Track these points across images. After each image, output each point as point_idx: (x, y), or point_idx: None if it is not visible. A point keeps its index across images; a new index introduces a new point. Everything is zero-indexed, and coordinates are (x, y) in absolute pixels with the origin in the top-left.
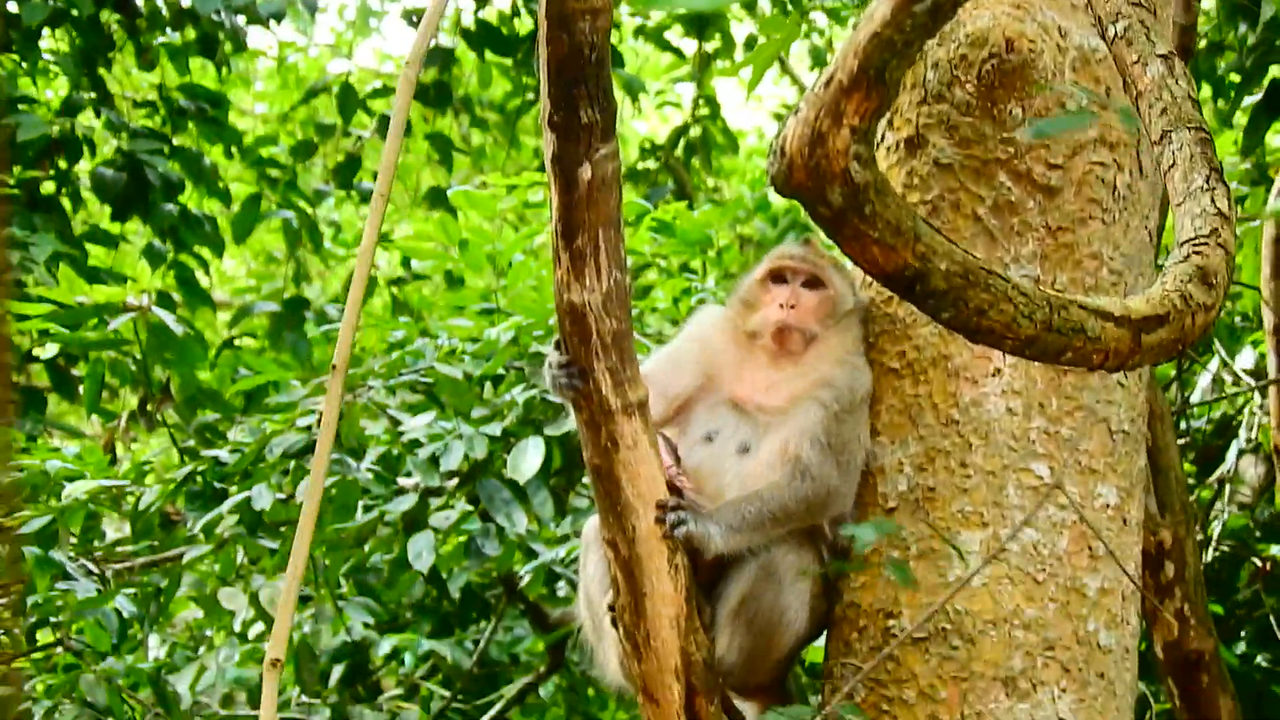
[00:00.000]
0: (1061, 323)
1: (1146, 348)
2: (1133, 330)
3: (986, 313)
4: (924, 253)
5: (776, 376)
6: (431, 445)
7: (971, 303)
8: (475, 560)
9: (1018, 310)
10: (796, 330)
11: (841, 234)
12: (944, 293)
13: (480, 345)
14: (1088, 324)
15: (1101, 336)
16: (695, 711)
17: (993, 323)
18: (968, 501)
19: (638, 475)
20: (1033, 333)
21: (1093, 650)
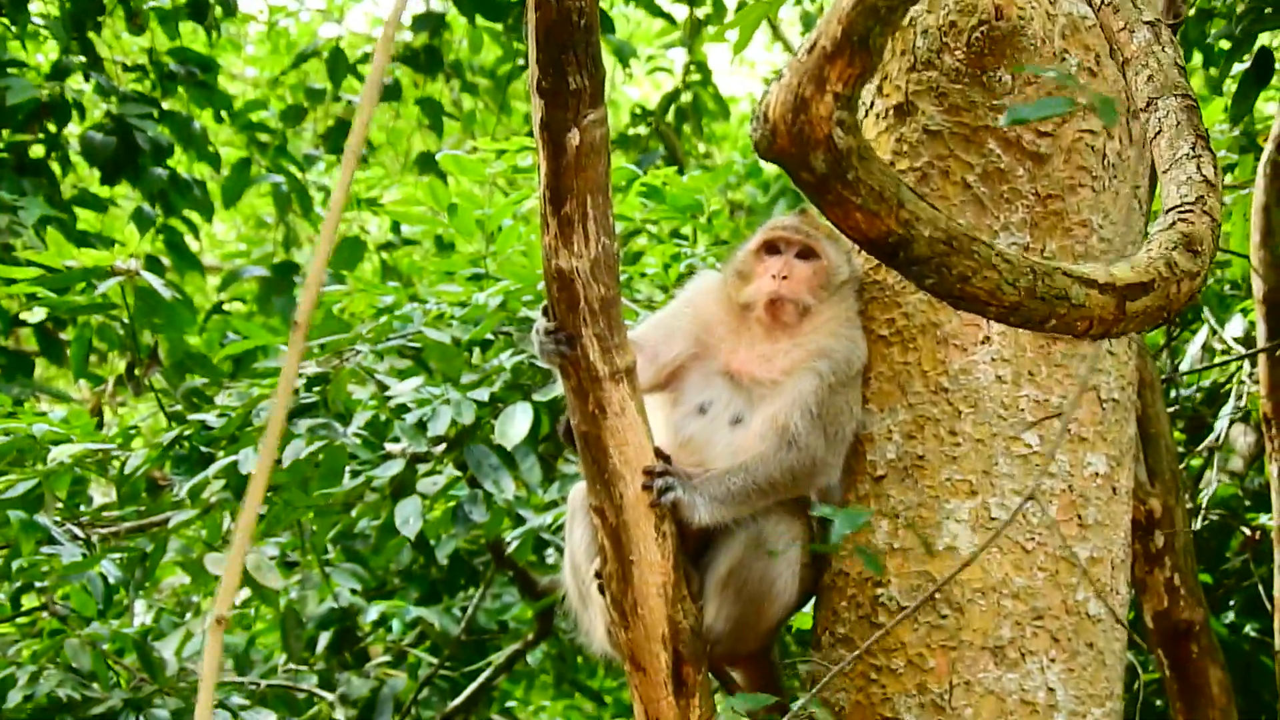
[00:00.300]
0: (1046, 290)
1: (1131, 315)
2: (1117, 297)
3: (970, 280)
4: (908, 219)
5: (772, 349)
6: (419, 410)
7: (955, 269)
8: (463, 526)
9: (1001, 277)
10: (789, 301)
11: (824, 200)
12: (928, 259)
13: (469, 310)
14: (1072, 291)
15: (1086, 304)
16: (682, 679)
17: (976, 290)
18: (957, 470)
19: (625, 442)
20: (1016, 300)
21: (1082, 620)
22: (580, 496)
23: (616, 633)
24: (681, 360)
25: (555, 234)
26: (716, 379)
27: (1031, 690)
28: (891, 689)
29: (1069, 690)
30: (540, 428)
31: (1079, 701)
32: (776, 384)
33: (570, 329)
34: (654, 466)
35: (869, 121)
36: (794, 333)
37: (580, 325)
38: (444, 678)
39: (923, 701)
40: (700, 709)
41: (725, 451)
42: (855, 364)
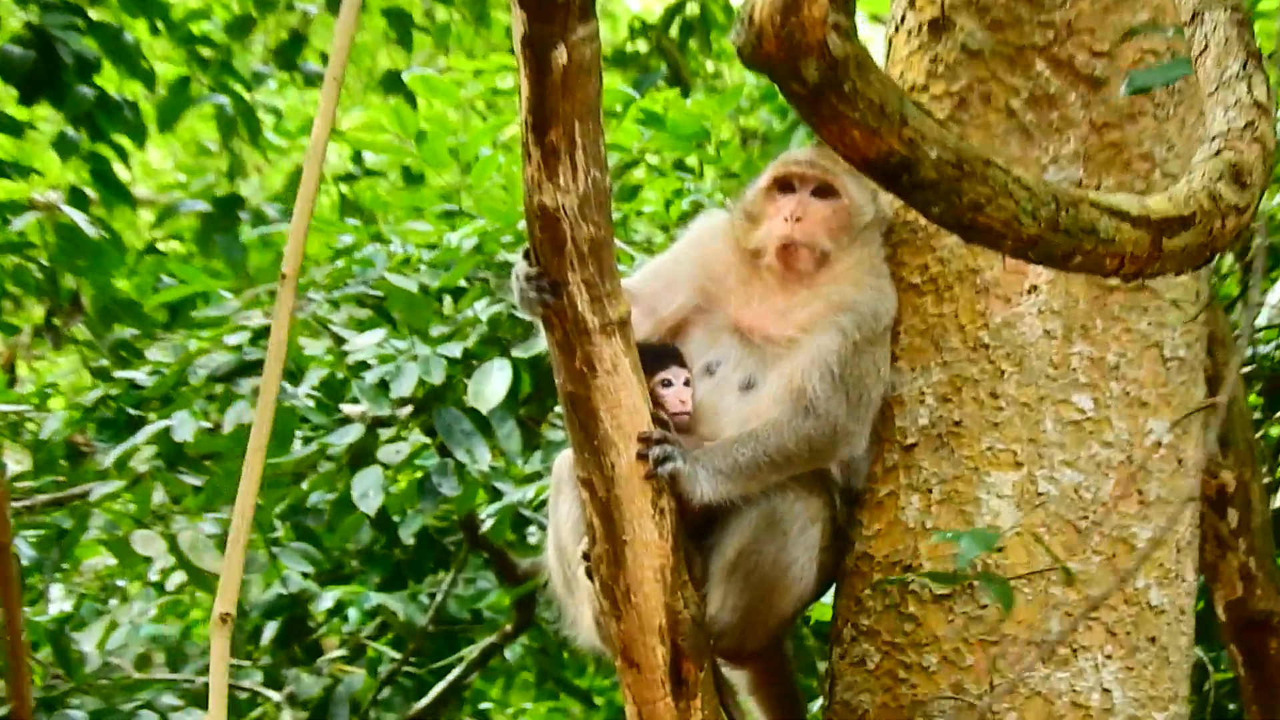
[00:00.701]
0: (1070, 221)
1: (1168, 253)
2: (1153, 232)
3: (983, 208)
4: (912, 138)
5: (788, 302)
6: (381, 368)
7: (966, 196)
8: (431, 501)
9: (1019, 206)
10: (804, 247)
11: (818, 114)
12: (934, 184)
13: (439, 253)
14: (1100, 224)
15: (1116, 238)
16: (682, 677)
17: (990, 220)
18: (998, 437)
19: (618, 404)
20: (1036, 232)
21: (1143, 610)
22: (566, 467)
23: (607, 623)
24: (684, 314)
25: (539, 165)
26: (724, 336)
27: (1084, 692)
28: (923, 690)
29: (1127, 692)
30: (520, 388)
31: (1139, 705)
32: (793, 342)
33: (555, 274)
34: (650, 433)
35: (899, 39)
36: (812, 283)
37: (567, 270)
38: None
39: (959, 704)
40: (702, 711)
41: (734, 419)
42: (883, 318)
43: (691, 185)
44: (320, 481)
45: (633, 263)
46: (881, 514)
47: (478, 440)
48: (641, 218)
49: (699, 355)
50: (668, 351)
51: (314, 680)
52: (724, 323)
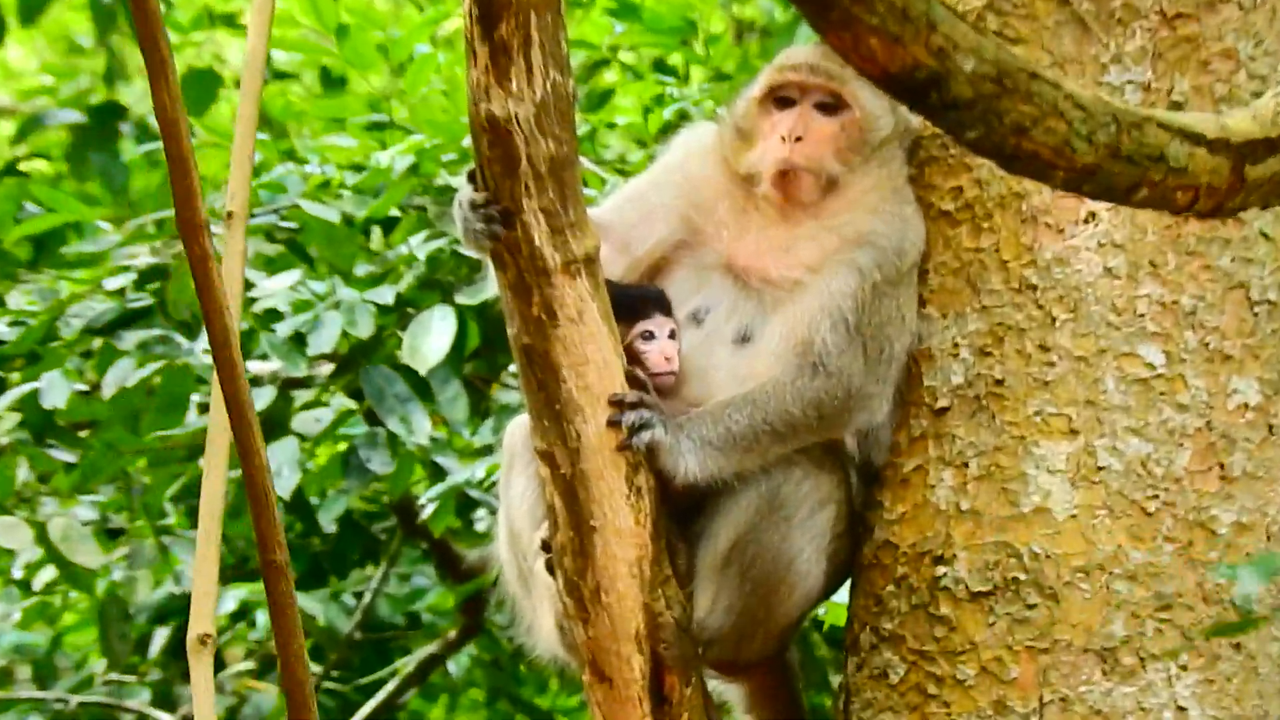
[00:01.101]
0: (1134, 147)
1: (1253, 183)
2: (1233, 158)
3: (1029, 131)
4: (942, 47)
5: (791, 235)
6: (296, 317)
7: (1008, 117)
8: (357, 480)
9: (1072, 129)
10: (806, 173)
11: (827, 20)
12: (970, 103)
13: (366, 175)
14: (1170, 149)
15: (1189, 167)
16: (663, 694)
17: (1038, 145)
18: (1049, 399)
19: (584, 360)
20: (1093, 160)
21: (1225, 611)
22: (521, 437)
23: (572, 628)
24: (665, 250)
25: (486, 67)
26: (715, 277)
27: (1154, 709)
28: (958, 708)
29: (1206, 709)
30: (466, 342)
31: None
32: (798, 285)
33: (507, 201)
34: (624, 395)
35: None
36: (820, 211)
37: (521, 196)
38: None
39: None
40: None
41: (727, 379)
42: (908, 253)
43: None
44: None
45: (603, 187)
46: (907, 494)
47: (414, 406)
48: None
49: (684, 301)
50: (649, 295)
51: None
52: (714, 261)
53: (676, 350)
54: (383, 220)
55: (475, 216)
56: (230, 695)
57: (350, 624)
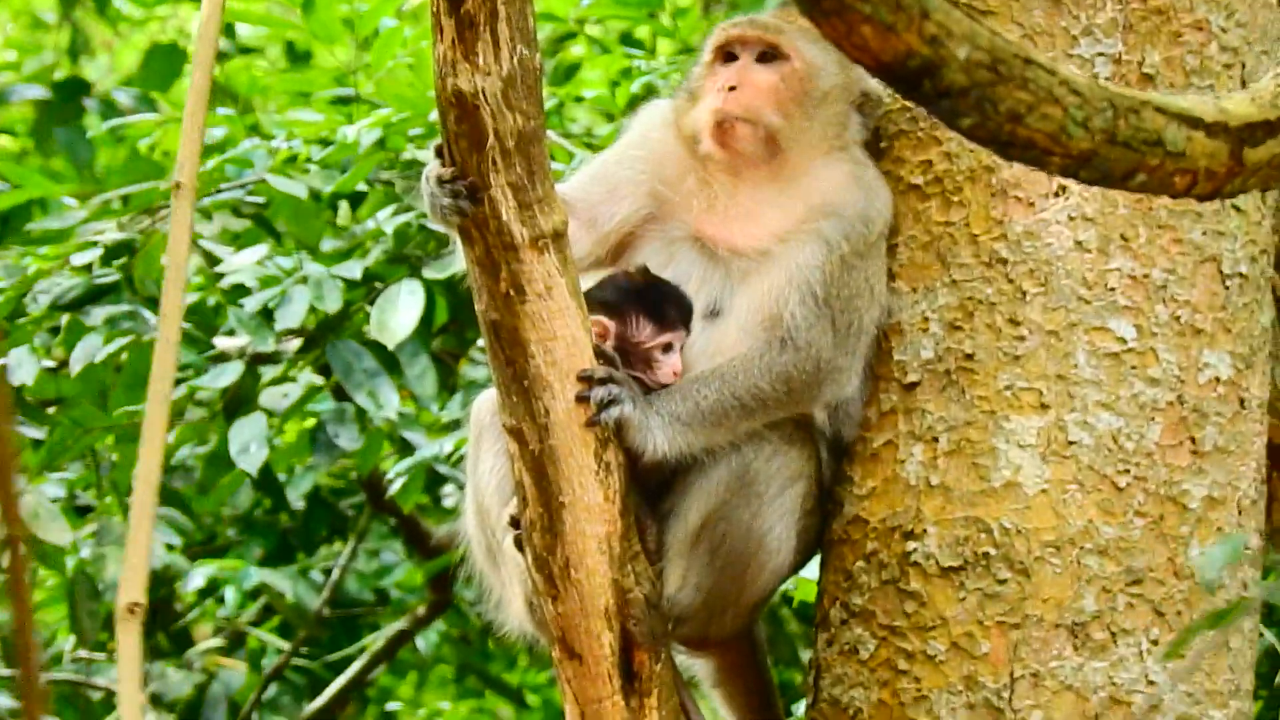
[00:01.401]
0: (1130, 132)
1: (1251, 167)
2: (1232, 142)
3: (1024, 118)
4: (935, 34)
5: (754, 201)
6: (263, 292)
7: (1003, 104)
8: (325, 456)
9: (1068, 114)
10: (741, 121)
11: (819, 8)
12: (964, 90)
13: (333, 150)
14: (1167, 133)
15: (1187, 151)
16: (633, 670)
17: (1033, 132)
18: (1020, 374)
19: (552, 335)
20: (1089, 146)
21: (1196, 585)
22: (489, 412)
23: (542, 605)
24: (631, 225)
25: (453, 41)
26: (683, 251)
27: (1125, 684)
28: (929, 683)
29: (1178, 684)
30: (434, 317)
31: (1192, 700)
32: (767, 255)
33: (474, 176)
34: (592, 370)
35: None
36: (778, 174)
37: (488, 171)
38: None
39: (972, 700)
40: (659, 711)
41: (699, 355)
42: (875, 221)
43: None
44: (189, 433)
45: (570, 161)
46: (877, 468)
47: (382, 381)
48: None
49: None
50: (684, 304)
51: (183, 677)
52: (682, 233)
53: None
54: (350, 195)
55: (442, 192)
56: (199, 672)
57: (319, 600)
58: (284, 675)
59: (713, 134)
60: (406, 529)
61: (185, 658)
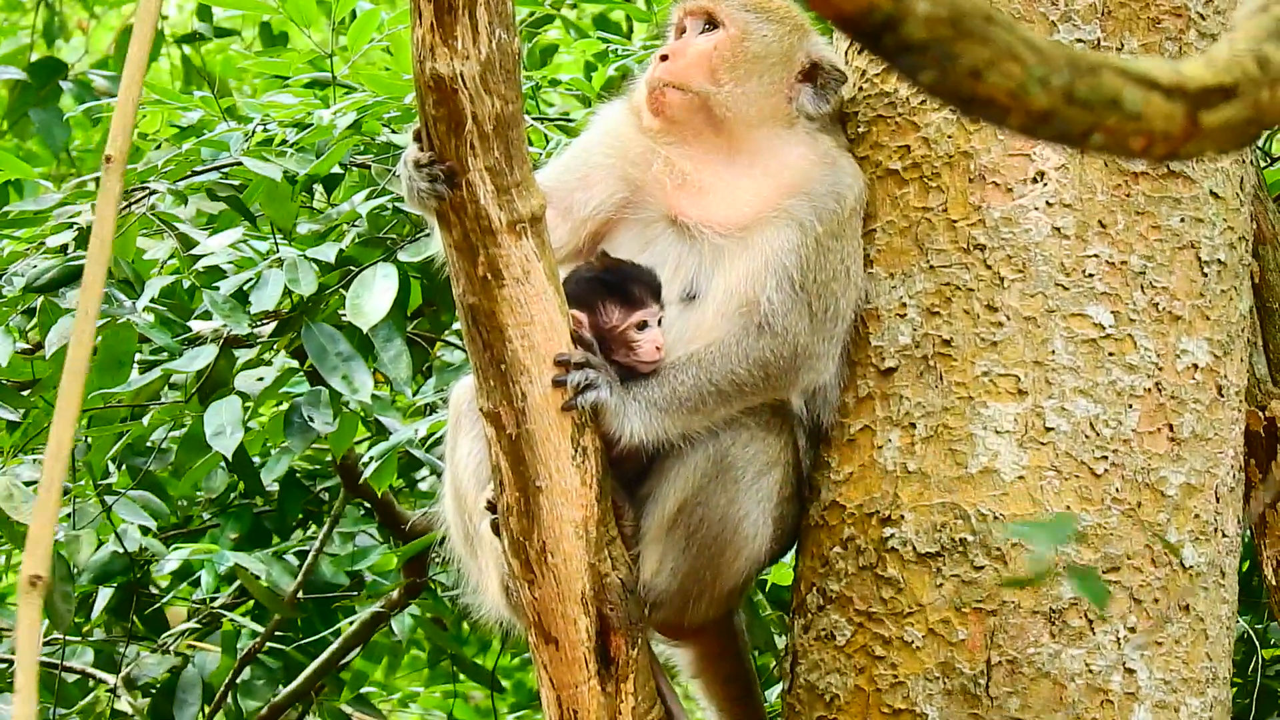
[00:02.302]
0: (1088, 91)
1: (1207, 130)
2: (1188, 105)
3: (983, 74)
4: None
5: (719, 179)
6: (238, 275)
7: (963, 60)
8: (300, 439)
9: (1027, 72)
10: (671, 89)
11: None
12: (924, 45)
13: (308, 133)
14: (1125, 94)
15: (1144, 112)
16: (610, 655)
17: (992, 89)
18: (997, 360)
19: (529, 320)
20: (1047, 105)
21: (1174, 572)
22: (467, 397)
23: (518, 589)
24: (607, 211)
25: (431, 24)
26: (659, 233)
27: (1102, 671)
28: (905, 669)
29: (1155, 672)
30: (409, 300)
31: (1169, 688)
32: (741, 235)
33: (452, 160)
34: (569, 355)
35: None
36: (734, 148)
37: (466, 155)
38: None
39: (948, 687)
40: (635, 696)
41: (677, 340)
42: (846, 197)
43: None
44: (164, 415)
45: (547, 145)
46: (854, 454)
47: (357, 364)
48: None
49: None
50: (645, 280)
51: (157, 660)
52: (656, 215)
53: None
54: (325, 178)
55: (420, 176)
56: (173, 655)
57: (293, 584)
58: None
59: (649, 103)
60: (381, 513)
61: (160, 640)
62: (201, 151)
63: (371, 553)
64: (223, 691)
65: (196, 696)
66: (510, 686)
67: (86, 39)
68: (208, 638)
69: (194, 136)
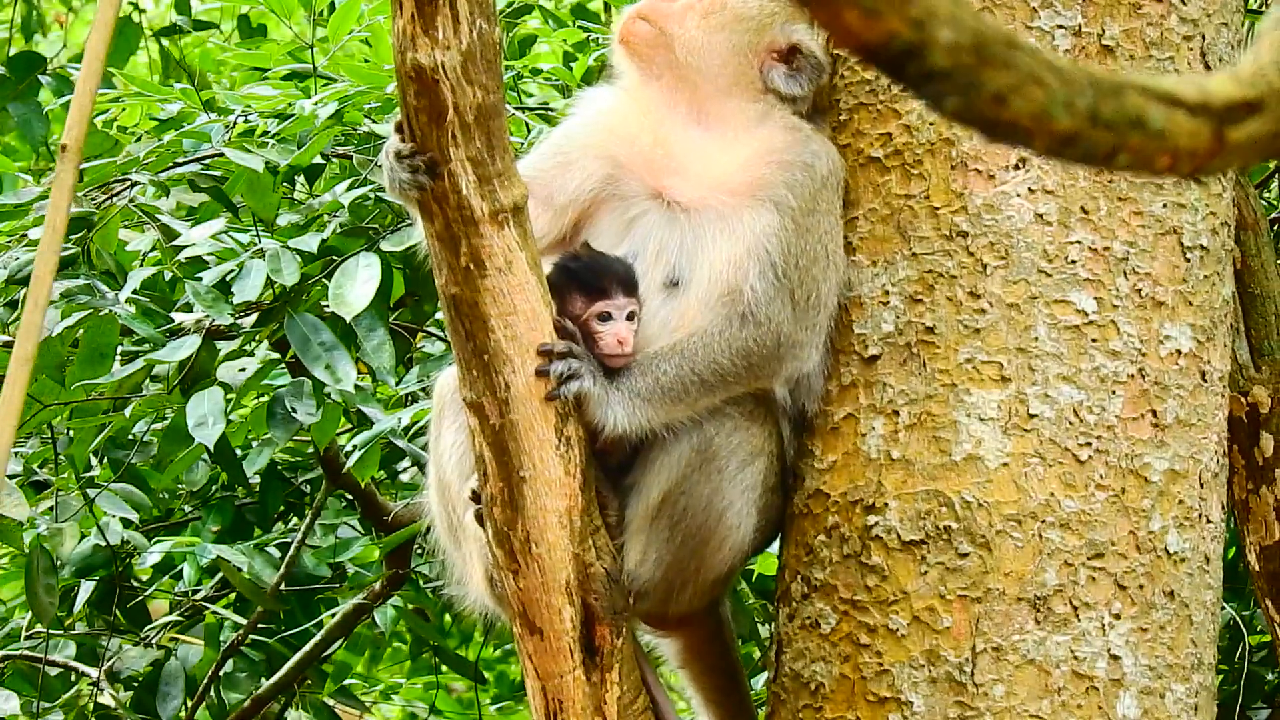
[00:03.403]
0: (1112, 113)
1: (1233, 145)
2: (1213, 122)
3: (1008, 100)
4: (919, 17)
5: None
6: (220, 266)
7: (987, 87)
8: (282, 430)
9: (1051, 96)
10: (639, 19)
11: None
12: (948, 73)
13: (289, 124)
14: (1149, 114)
15: (1168, 130)
16: (595, 645)
17: (1017, 114)
18: (981, 347)
19: (512, 310)
20: (1072, 127)
21: (1158, 558)
22: (450, 388)
23: (502, 579)
24: (589, 196)
25: (412, 14)
26: (640, 215)
27: (1087, 658)
28: (890, 657)
29: (1140, 658)
30: (391, 290)
31: (1154, 674)
32: (722, 210)
33: (434, 151)
34: (552, 345)
35: None
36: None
37: (448, 145)
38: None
39: (934, 675)
40: (620, 685)
41: (660, 328)
42: (817, 167)
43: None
44: (146, 407)
45: (527, 134)
46: (837, 442)
47: (339, 354)
48: (537, 78)
49: (610, 248)
50: (614, 271)
51: (140, 653)
52: (639, 193)
53: (633, 332)
54: (306, 169)
55: (401, 167)
56: (155, 648)
57: (275, 576)
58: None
59: (619, 32)
60: (363, 504)
61: (143, 633)
62: (183, 143)
63: (354, 544)
64: (205, 684)
65: (179, 689)
66: (493, 678)
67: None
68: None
69: (174, 129)
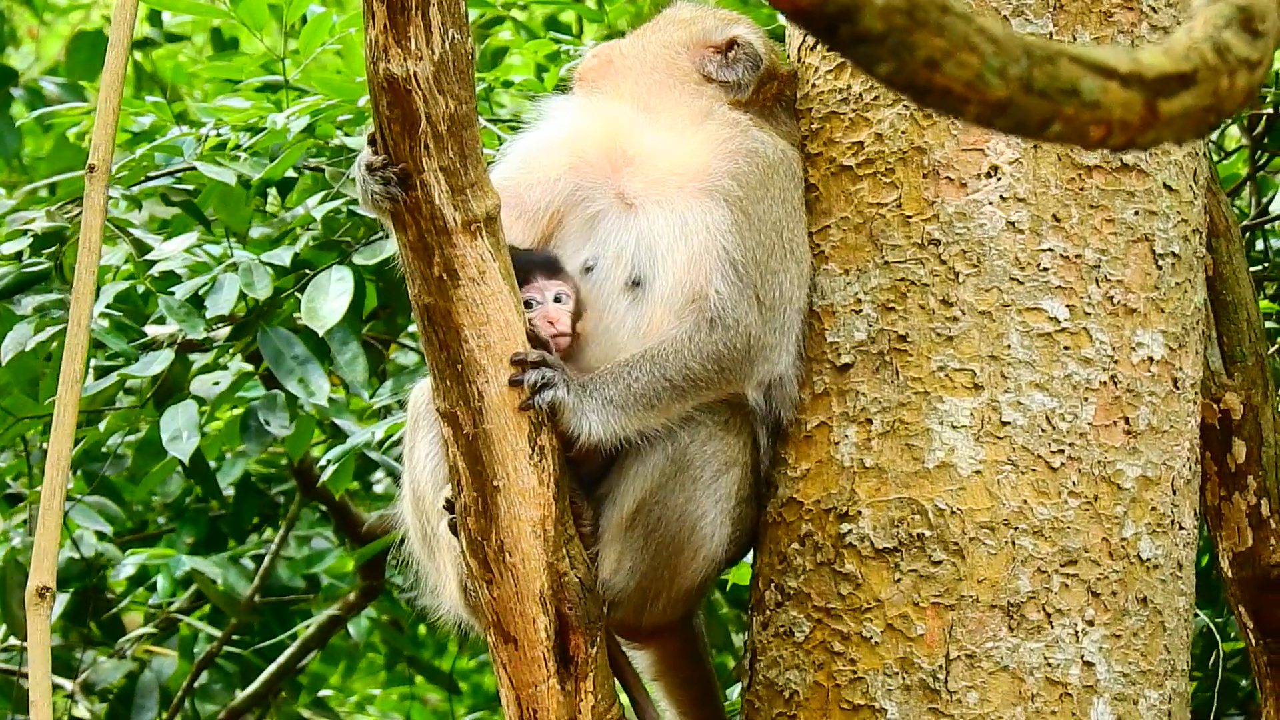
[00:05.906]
0: (1046, 81)
1: (1165, 119)
2: (1146, 93)
3: (940, 65)
4: None
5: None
6: (193, 280)
7: (919, 51)
8: (256, 442)
9: (984, 62)
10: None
11: None
12: (880, 36)
13: (262, 137)
14: (1083, 83)
15: (1102, 101)
16: (569, 654)
17: (949, 80)
18: (953, 354)
19: (485, 320)
20: (1005, 94)
21: (1131, 565)
22: (424, 399)
23: (476, 589)
24: (559, 201)
25: (384, 25)
26: (602, 212)
27: (1061, 665)
28: (864, 665)
29: (1114, 665)
30: (364, 302)
31: (1128, 680)
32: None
33: (406, 162)
34: (525, 354)
35: None
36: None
37: (421, 156)
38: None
39: (907, 682)
40: (595, 695)
41: (629, 335)
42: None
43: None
44: (120, 421)
45: (499, 145)
46: (811, 450)
47: (313, 367)
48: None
49: (576, 251)
50: (532, 261)
51: (114, 665)
52: (601, 191)
53: (567, 313)
54: (279, 182)
55: (374, 179)
56: (130, 660)
57: (249, 588)
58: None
59: (577, 76)
60: (337, 516)
61: (117, 646)
62: (155, 156)
63: (328, 556)
64: (180, 696)
65: (154, 701)
66: (467, 689)
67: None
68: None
69: (146, 141)
